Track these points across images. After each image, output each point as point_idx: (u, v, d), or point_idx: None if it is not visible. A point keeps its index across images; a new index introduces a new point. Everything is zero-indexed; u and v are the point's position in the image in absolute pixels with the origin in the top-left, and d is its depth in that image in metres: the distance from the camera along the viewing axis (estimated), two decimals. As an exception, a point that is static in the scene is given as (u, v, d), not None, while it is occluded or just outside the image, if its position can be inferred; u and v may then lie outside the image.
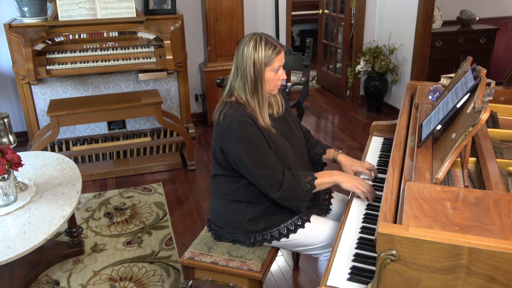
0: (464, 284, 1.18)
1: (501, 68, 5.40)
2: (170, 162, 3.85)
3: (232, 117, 1.75)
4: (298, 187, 1.79)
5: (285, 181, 1.78)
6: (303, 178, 1.82)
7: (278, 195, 1.79)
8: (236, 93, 1.83)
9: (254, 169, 1.76)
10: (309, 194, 1.82)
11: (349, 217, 1.74)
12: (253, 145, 1.76)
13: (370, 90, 4.99)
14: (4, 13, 3.97)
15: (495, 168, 1.54)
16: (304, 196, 1.81)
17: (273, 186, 1.78)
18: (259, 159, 1.76)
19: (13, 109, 4.35)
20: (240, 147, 1.76)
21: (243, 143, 1.75)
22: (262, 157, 1.77)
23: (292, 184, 1.78)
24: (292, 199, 1.81)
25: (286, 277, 2.56)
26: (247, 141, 1.75)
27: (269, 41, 1.77)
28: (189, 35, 4.59)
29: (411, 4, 4.52)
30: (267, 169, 1.77)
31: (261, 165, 1.76)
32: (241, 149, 1.76)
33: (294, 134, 1.99)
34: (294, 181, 1.79)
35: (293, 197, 1.80)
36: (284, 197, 1.80)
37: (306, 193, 1.81)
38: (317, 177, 1.83)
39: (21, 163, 2.16)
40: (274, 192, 1.79)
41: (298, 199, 1.81)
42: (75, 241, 2.74)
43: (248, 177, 1.82)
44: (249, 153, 1.76)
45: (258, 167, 1.76)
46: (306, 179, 1.82)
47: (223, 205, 1.94)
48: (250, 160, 1.76)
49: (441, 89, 2.19)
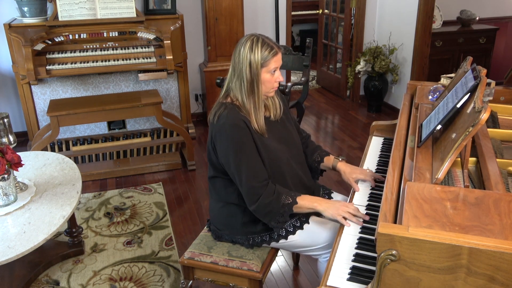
0: (464, 284, 1.18)
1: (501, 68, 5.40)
2: (170, 162, 3.85)
3: (225, 119, 1.74)
4: (275, 205, 1.75)
5: (263, 195, 1.74)
6: (284, 198, 1.77)
7: (253, 208, 1.77)
8: (232, 94, 1.82)
9: (238, 175, 1.75)
10: (284, 216, 1.78)
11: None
12: (241, 150, 1.74)
13: (370, 90, 4.99)
14: (4, 13, 3.97)
15: (495, 168, 1.54)
16: (279, 216, 1.77)
17: (251, 197, 1.76)
18: (244, 166, 1.74)
19: (13, 109, 4.35)
20: (229, 150, 1.75)
21: (232, 147, 1.74)
22: (248, 164, 1.74)
23: (269, 201, 1.75)
24: (267, 216, 1.78)
25: (286, 277, 2.56)
26: (236, 145, 1.74)
27: (266, 42, 1.76)
28: (189, 35, 4.59)
29: (411, 4, 4.52)
30: (250, 178, 1.74)
31: (245, 172, 1.74)
32: (229, 153, 1.75)
33: (291, 138, 1.97)
34: (272, 198, 1.75)
35: (267, 214, 1.77)
36: (258, 211, 1.77)
37: (281, 214, 1.77)
38: (297, 202, 1.78)
39: (21, 163, 2.16)
40: (251, 203, 1.77)
41: (271, 218, 1.77)
42: (75, 241, 2.74)
43: (234, 181, 1.81)
44: (236, 158, 1.74)
45: (242, 174, 1.74)
46: (286, 200, 1.77)
47: (220, 207, 1.94)
48: (236, 165, 1.75)
49: (441, 89, 2.19)
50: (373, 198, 1.87)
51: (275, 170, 1.84)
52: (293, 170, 1.92)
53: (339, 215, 1.71)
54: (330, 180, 3.56)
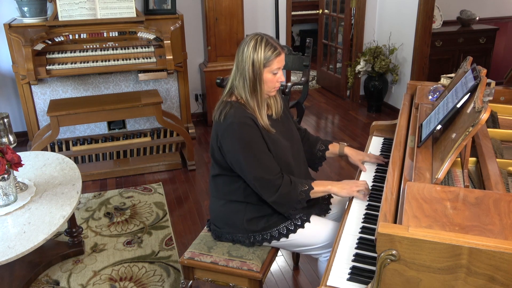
0: (464, 284, 1.18)
1: (501, 68, 5.40)
2: (170, 162, 3.85)
3: (233, 118, 1.75)
4: (293, 194, 1.80)
5: (282, 185, 1.78)
6: (300, 186, 1.83)
7: (273, 199, 1.79)
8: (237, 92, 1.83)
9: (251, 171, 1.76)
10: (302, 203, 1.83)
11: (349, 217, 1.74)
12: (252, 147, 1.76)
13: (370, 90, 4.99)
14: (4, 13, 3.97)
15: (495, 168, 1.54)
16: (297, 204, 1.82)
17: (269, 189, 1.78)
18: (257, 161, 1.76)
19: (13, 109, 4.35)
20: (238, 148, 1.76)
21: (242, 145, 1.75)
22: (260, 160, 1.77)
23: (288, 190, 1.79)
24: (286, 205, 1.82)
25: (286, 277, 2.56)
26: (246, 143, 1.75)
27: (270, 42, 1.76)
28: (189, 35, 4.59)
29: (411, 4, 4.52)
30: (264, 172, 1.77)
31: (259, 168, 1.76)
32: (240, 151, 1.76)
33: (292, 135, 1.99)
34: (291, 187, 1.80)
35: (286, 203, 1.81)
36: (279, 202, 1.80)
37: (300, 201, 1.82)
38: (313, 187, 1.84)
39: (21, 163, 2.16)
40: (270, 195, 1.79)
41: (291, 206, 1.82)
42: (75, 241, 2.74)
43: (244, 178, 1.83)
44: (247, 156, 1.75)
45: (255, 170, 1.76)
46: (303, 187, 1.83)
47: (222, 205, 1.94)
48: (248, 162, 1.76)
49: (441, 89, 2.19)
50: (373, 198, 1.87)
51: (283, 165, 1.86)
52: (297, 167, 1.95)
53: (354, 192, 1.82)
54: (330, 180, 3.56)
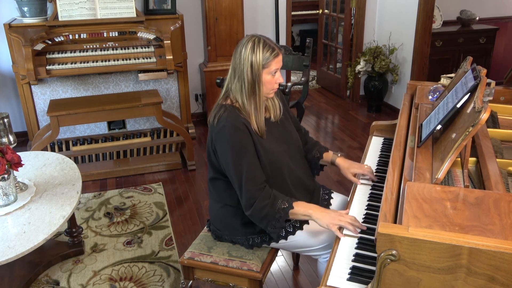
0: (464, 284, 1.18)
1: (501, 68, 5.40)
2: (170, 162, 3.85)
3: (225, 122, 1.74)
4: (270, 210, 1.72)
5: (258, 199, 1.72)
6: (280, 203, 1.74)
7: (249, 212, 1.75)
8: (232, 95, 1.82)
9: (236, 177, 1.74)
10: (280, 222, 1.75)
11: (349, 217, 1.74)
12: (240, 153, 1.74)
13: (370, 90, 4.99)
14: (4, 13, 3.97)
15: (495, 168, 1.55)
16: (275, 221, 1.74)
17: (247, 200, 1.74)
18: (243, 169, 1.73)
19: (13, 109, 4.35)
20: (228, 152, 1.75)
21: (232, 149, 1.74)
22: (246, 168, 1.73)
23: (264, 204, 1.72)
24: (263, 221, 1.75)
25: (286, 277, 2.56)
26: (235, 148, 1.73)
27: (267, 43, 1.76)
28: (189, 35, 4.59)
29: (411, 4, 4.52)
30: (247, 181, 1.72)
31: (243, 175, 1.73)
32: (229, 156, 1.75)
33: (291, 139, 1.97)
34: (268, 201, 1.72)
35: (263, 219, 1.74)
36: (254, 215, 1.75)
37: (277, 219, 1.74)
38: (293, 207, 1.74)
39: (21, 163, 2.16)
40: (247, 207, 1.75)
41: (268, 223, 1.75)
42: (75, 241, 2.74)
43: (232, 183, 1.81)
44: (235, 161, 1.74)
45: (240, 177, 1.73)
46: (282, 205, 1.74)
47: (220, 208, 1.94)
48: (235, 168, 1.74)
49: (441, 89, 2.19)
50: (373, 198, 1.87)
51: (274, 172, 1.83)
52: (293, 171, 1.92)
53: (334, 225, 1.65)
54: (330, 180, 3.56)
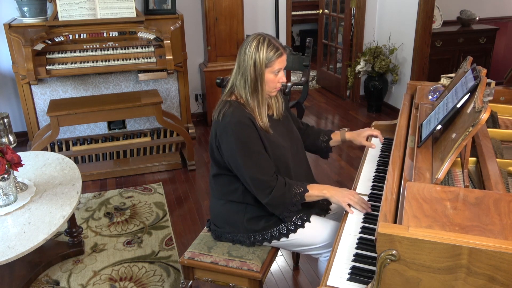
0: (464, 284, 1.18)
1: (501, 68, 5.40)
2: (170, 162, 3.85)
3: (231, 117, 1.75)
4: (287, 196, 1.79)
5: (275, 188, 1.77)
6: (295, 188, 1.81)
7: (266, 200, 1.79)
8: (237, 91, 1.84)
9: (247, 171, 1.76)
10: (297, 205, 1.82)
11: (349, 217, 1.74)
12: (248, 147, 1.75)
13: (370, 90, 4.99)
14: (4, 13, 3.97)
15: (495, 168, 1.54)
16: (292, 206, 1.81)
17: (263, 190, 1.78)
18: (252, 162, 1.76)
19: (13, 109, 4.35)
20: (235, 147, 1.76)
21: (239, 144, 1.75)
22: (256, 161, 1.76)
23: (282, 192, 1.78)
24: (280, 207, 1.81)
25: (286, 277, 2.56)
26: (243, 142, 1.75)
27: (272, 42, 1.77)
28: (189, 35, 4.59)
29: (411, 4, 4.52)
30: (260, 173, 1.76)
31: (254, 168, 1.76)
32: (236, 150, 1.76)
33: (293, 136, 1.99)
34: (285, 189, 1.79)
35: (281, 205, 1.80)
36: (272, 203, 1.80)
37: (294, 203, 1.81)
38: (308, 190, 1.82)
39: (21, 163, 2.16)
40: (263, 196, 1.79)
41: (285, 208, 1.81)
42: (75, 241, 2.74)
43: (240, 178, 1.83)
44: (244, 155, 1.75)
45: (250, 170, 1.76)
46: (297, 189, 1.81)
47: (222, 205, 1.94)
48: (244, 162, 1.76)
49: (441, 89, 2.19)
50: (373, 198, 1.87)
51: (281, 166, 1.86)
52: (297, 167, 1.95)
53: (345, 202, 1.77)
54: (331, 180, 3.56)
